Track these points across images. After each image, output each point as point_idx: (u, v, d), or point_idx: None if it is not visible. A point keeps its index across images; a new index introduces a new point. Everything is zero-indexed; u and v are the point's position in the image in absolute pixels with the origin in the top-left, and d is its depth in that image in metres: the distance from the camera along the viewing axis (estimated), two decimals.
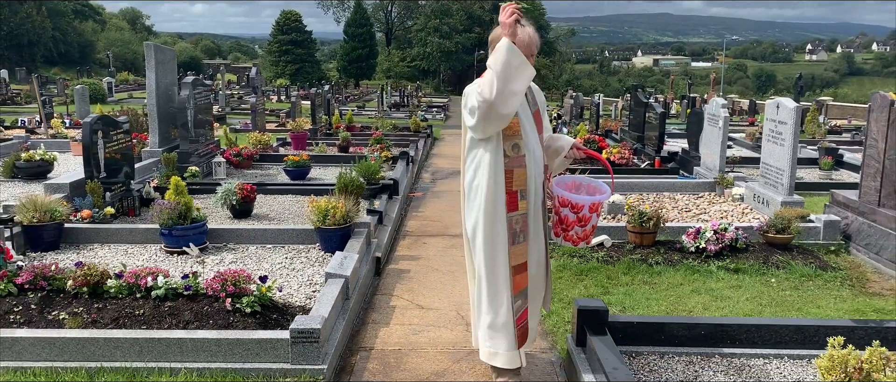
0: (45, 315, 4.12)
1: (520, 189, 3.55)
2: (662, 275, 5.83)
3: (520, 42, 3.38)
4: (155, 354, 3.81)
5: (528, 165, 3.58)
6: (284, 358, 3.80)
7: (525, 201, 3.58)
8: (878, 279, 6.07)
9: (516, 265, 3.59)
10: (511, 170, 3.53)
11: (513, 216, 3.55)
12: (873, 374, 2.78)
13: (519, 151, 3.55)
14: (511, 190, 3.54)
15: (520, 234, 3.58)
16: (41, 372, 3.75)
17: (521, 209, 3.57)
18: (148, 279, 4.24)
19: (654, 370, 3.78)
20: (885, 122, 6.52)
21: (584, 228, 3.66)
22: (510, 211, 3.55)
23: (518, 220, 3.57)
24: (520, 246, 3.58)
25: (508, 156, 3.53)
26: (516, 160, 3.54)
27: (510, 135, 3.54)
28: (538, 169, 3.65)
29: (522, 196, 3.57)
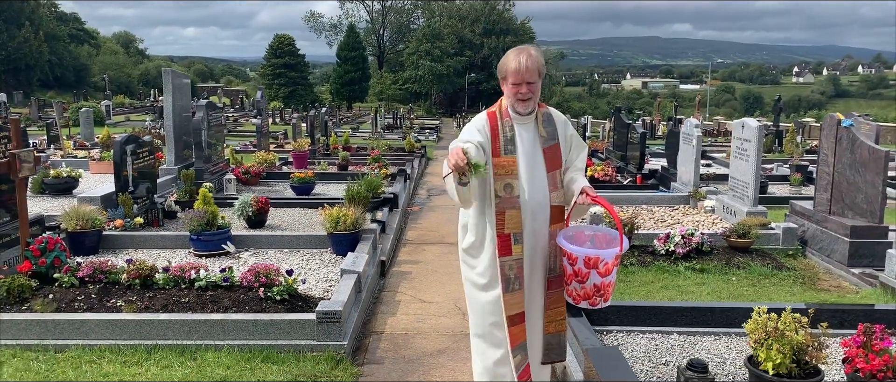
0: (104, 303, 4.82)
1: (513, 232, 3.28)
2: (636, 275, 6.57)
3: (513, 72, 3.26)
4: (201, 333, 4.53)
5: (523, 206, 3.30)
6: (311, 336, 4.52)
7: (520, 246, 3.29)
8: (827, 278, 6.83)
9: (512, 315, 3.34)
10: (503, 211, 3.28)
11: (505, 261, 3.30)
12: (786, 332, 3.51)
13: (512, 191, 3.30)
14: (503, 233, 3.28)
15: (514, 281, 3.31)
16: (106, 349, 4.45)
17: (515, 254, 3.29)
18: (191, 272, 4.96)
19: (621, 343, 4.51)
20: (834, 139, 7.32)
21: (582, 285, 3.22)
22: (502, 255, 3.29)
23: (512, 265, 3.30)
24: (515, 294, 3.33)
25: (499, 196, 3.29)
26: (509, 201, 3.29)
27: (502, 174, 3.31)
28: (540, 211, 3.33)
29: (516, 240, 3.29)
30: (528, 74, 3.26)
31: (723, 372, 4.12)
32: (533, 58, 3.28)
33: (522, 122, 3.39)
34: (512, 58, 3.30)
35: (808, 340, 3.52)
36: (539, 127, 3.40)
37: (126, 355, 4.39)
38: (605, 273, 3.16)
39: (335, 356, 4.43)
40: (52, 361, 4.30)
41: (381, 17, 73.84)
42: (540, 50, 3.42)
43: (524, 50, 3.32)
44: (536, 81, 3.32)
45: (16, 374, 4.11)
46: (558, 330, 3.51)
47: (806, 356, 3.53)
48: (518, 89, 3.29)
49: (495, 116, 3.39)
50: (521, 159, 3.33)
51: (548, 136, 3.40)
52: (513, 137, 3.35)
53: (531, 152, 3.36)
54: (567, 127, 3.52)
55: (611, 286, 3.24)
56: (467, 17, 66.28)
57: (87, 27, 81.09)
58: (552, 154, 3.39)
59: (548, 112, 3.47)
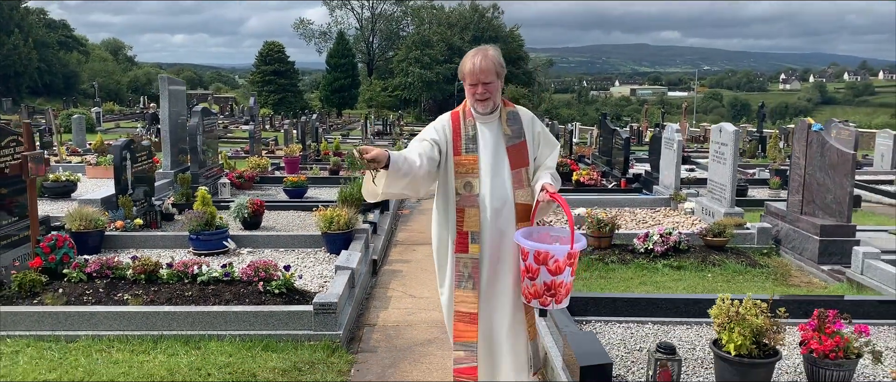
0: (112, 296, 5.10)
1: (471, 231, 3.33)
2: (616, 271, 6.89)
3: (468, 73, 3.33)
4: (204, 324, 4.81)
5: (483, 204, 3.35)
6: (308, 327, 4.81)
7: (477, 245, 3.33)
8: (799, 275, 7.17)
9: (460, 311, 3.40)
10: (462, 209, 3.35)
11: (461, 258, 3.36)
12: (747, 317, 3.83)
13: (471, 190, 3.36)
14: (462, 230, 3.35)
15: (468, 279, 3.36)
16: (115, 339, 4.73)
17: (471, 253, 3.34)
18: (194, 267, 5.24)
19: (599, 332, 4.82)
20: (805, 143, 7.68)
21: (533, 282, 3.17)
22: (459, 252, 3.36)
23: (467, 263, 3.36)
24: (468, 293, 3.38)
25: (460, 194, 3.36)
26: (468, 199, 3.35)
27: (462, 172, 3.38)
28: (503, 209, 3.36)
29: (473, 239, 3.33)
30: (483, 74, 3.30)
31: (693, 357, 4.44)
32: (488, 58, 3.30)
33: (485, 121, 3.43)
34: (468, 59, 3.34)
35: (767, 324, 3.83)
36: (503, 125, 3.42)
37: (134, 344, 4.66)
38: (555, 271, 3.09)
39: (331, 344, 4.72)
40: (65, 350, 4.57)
41: (370, 24, 74.27)
42: (498, 50, 3.40)
43: (480, 50, 3.34)
44: (493, 81, 3.33)
45: (31, 362, 4.37)
46: (533, 338, 3.55)
47: (765, 338, 3.84)
48: (475, 90, 3.33)
49: (458, 116, 3.46)
50: (483, 158, 3.37)
51: (512, 134, 3.42)
52: (475, 136, 3.40)
53: (494, 150, 3.38)
54: (534, 124, 3.52)
55: (563, 286, 3.15)
56: (456, 24, 66.83)
57: (75, 34, 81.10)
58: (517, 152, 3.41)
59: (513, 111, 3.50)
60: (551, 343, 4.52)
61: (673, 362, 3.85)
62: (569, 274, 3.15)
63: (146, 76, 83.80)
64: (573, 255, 3.11)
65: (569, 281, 3.18)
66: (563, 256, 3.08)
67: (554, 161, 3.55)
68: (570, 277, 3.17)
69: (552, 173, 3.48)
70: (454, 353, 3.41)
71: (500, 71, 3.36)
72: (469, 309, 3.37)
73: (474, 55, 3.33)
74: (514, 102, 3.60)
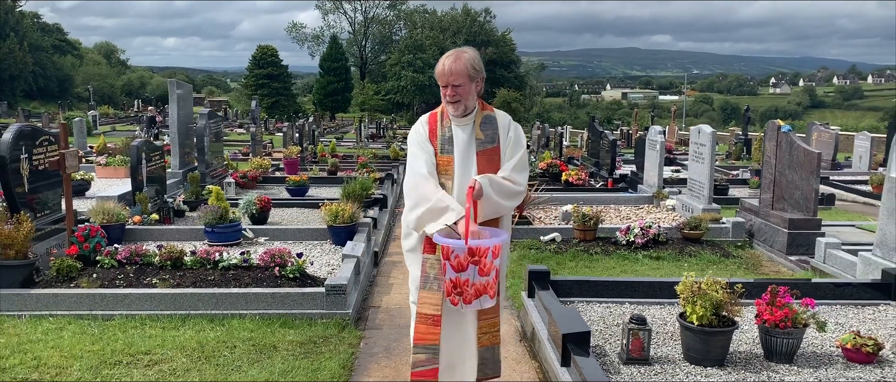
0: (141, 280, 5.63)
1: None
2: (600, 261, 7.46)
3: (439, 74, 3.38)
4: (227, 304, 5.34)
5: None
6: (321, 306, 5.35)
7: None
8: (769, 265, 7.76)
9: (424, 313, 3.37)
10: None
11: (428, 259, 3.37)
12: (708, 291, 4.39)
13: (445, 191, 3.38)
14: None
15: (433, 281, 3.36)
16: (146, 317, 5.26)
17: (437, 254, 3.32)
18: (216, 254, 5.78)
19: (582, 310, 5.38)
20: (775, 143, 8.27)
21: (444, 278, 3.18)
22: (427, 252, 3.37)
23: (433, 264, 3.35)
24: (432, 294, 3.37)
25: None
26: None
27: (439, 172, 3.42)
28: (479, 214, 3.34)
29: None
30: (453, 77, 3.30)
31: (664, 331, 4.99)
32: (460, 61, 3.31)
33: (460, 123, 3.45)
34: (441, 60, 3.36)
35: (725, 297, 4.40)
36: (477, 129, 3.43)
37: (164, 322, 5.19)
38: (458, 268, 3.03)
39: (341, 322, 5.27)
40: (103, 327, 5.09)
41: (363, 28, 74.81)
42: (475, 53, 3.43)
43: (455, 52, 3.36)
44: (464, 84, 3.33)
45: (75, 337, 4.90)
46: (492, 343, 3.53)
47: (724, 310, 4.40)
48: (446, 91, 3.37)
49: (436, 117, 3.51)
50: (456, 160, 3.39)
51: (485, 139, 3.43)
52: (450, 138, 3.43)
53: (465, 153, 3.41)
54: (509, 130, 3.50)
55: (469, 285, 3.08)
56: (449, 28, 67.48)
57: (69, 38, 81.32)
58: (487, 158, 3.41)
59: (490, 114, 3.50)
60: (538, 319, 5.07)
61: (644, 331, 4.41)
62: (475, 273, 3.06)
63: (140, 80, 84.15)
64: (476, 252, 3.02)
65: (478, 281, 3.07)
66: (464, 253, 3.01)
67: (512, 164, 3.47)
68: (478, 277, 3.07)
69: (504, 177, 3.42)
70: (413, 356, 3.37)
71: (473, 74, 3.35)
72: (433, 312, 3.33)
73: (448, 57, 3.36)
74: (505, 105, 4.02)
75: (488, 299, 3.13)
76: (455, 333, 3.44)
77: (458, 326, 3.44)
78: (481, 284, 3.08)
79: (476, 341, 3.46)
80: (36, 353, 4.59)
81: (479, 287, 3.08)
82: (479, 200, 3.27)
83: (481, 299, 3.11)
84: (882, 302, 5.63)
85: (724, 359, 4.41)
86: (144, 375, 4.29)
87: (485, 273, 3.07)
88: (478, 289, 3.08)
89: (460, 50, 3.40)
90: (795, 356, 4.48)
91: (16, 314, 5.28)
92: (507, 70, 67.09)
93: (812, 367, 4.38)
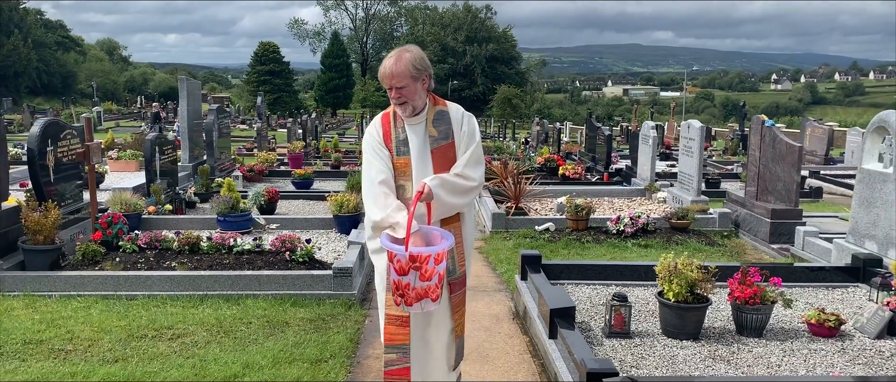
0: (161, 264, 6.05)
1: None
2: (591, 249, 7.87)
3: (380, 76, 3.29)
4: (241, 286, 5.76)
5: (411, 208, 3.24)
6: (329, 287, 5.77)
7: None
8: (753, 253, 8.16)
9: (392, 314, 3.33)
10: None
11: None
12: (683, 271, 4.79)
13: (404, 192, 3.34)
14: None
15: None
16: (167, 298, 5.67)
17: None
18: (230, 240, 6.19)
19: (570, 292, 5.79)
20: (759, 138, 8.67)
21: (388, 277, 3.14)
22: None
23: None
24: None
25: (399, 197, 3.34)
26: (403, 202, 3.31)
27: (397, 175, 3.36)
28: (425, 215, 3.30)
29: None
30: (395, 79, 3.22)
31: (646, 309, 5.41)
32: (401, 61, 3.22)
33: (412, 123, 3.37)
34: (383, 63, 3.27)
35: (699, 277, 4.81)
36: (429, 127, 3.37)
37: (184, 302, 5.61)
38: (400, 271, 3.01)
39: (348, 302, 5.69)
40: (127, 306, 5.51)
41: (364, 24, 75.14)
42: (417, 50, 3.33)
43: (397, 53, 3.28)
44: (407, 85, 3.24)
45: (102, 314, 5.32)
46: (459, 335, 3.52)
47: (698, 288, 4.82)
48: (391, 94, 3.29)
49: (389, 118, 3.42)
50: (413, 161, 3.33)
51: (439, 135, 3.36)
52: (405, 139, 3.36)
53: (421, 153, 3.34)
54: (463, 123, 3.42)
55: (411, 289, 3.05)
56: (450, 25, 67.81)
57: (72, 34, 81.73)
58: (442, 155, 3.35)
59: (442, 110, 3.41)
60: (530, 299, 5.48)
61: (625, 307, 4.82)
62: (416, 278, 3.03)
63: (142, 76, 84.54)
64: (416, 258, 2.99)
65: (419, 286, 3.05)
66: (405, 258, 2.99)
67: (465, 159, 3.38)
68: (419, 282, 3.03)
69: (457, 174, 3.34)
70: (385, 356, 3.38)
71: (415, 74, 3.26)
72: (400, 312, 3.28)
73: (389, 58, 3.27)
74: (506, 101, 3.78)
75: (430, 302, 3.10)
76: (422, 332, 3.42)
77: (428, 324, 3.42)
78: (422, 288, 3.04)
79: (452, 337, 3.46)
80: (68, 327, 5.01)
81: (419, 292, 3.05)
82: (429, 202, 3.23)
83: (422, 302, 3.08)
84: (852, 284, 6.04)
85: (699, 333, 4.82)
86: (169, 347, 4.71)
87: (426, 278, 3.03)
88: (419, 293, 3.05)
89: (402, 49, 3.30)
90: (765, 330, 4.89)
91: (46, 294, 5.71)
92: (507, 67, 67.50)
93: (779, 340, 4.79)
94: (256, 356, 4.51)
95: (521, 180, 9.66)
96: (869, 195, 6.50)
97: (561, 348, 4.42)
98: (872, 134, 6.57)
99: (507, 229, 8.79)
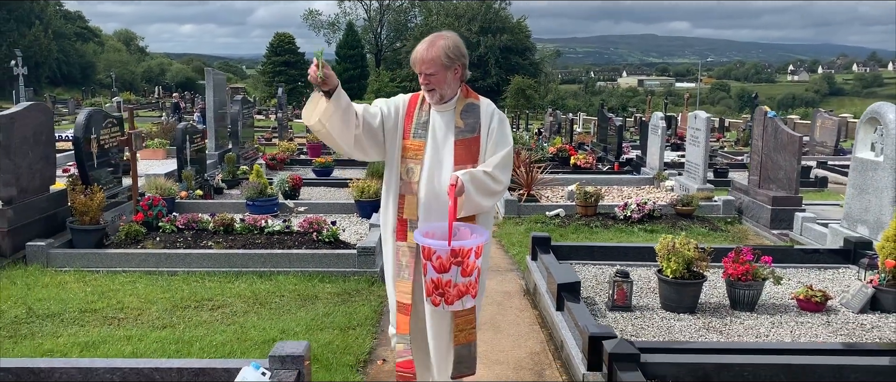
0: (198, 243, 6.53)
1: (409, 219, 3.24)
2: (599, 234, 8.28)
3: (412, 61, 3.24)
4: (272, 263, 6.24)
5: (420, 194, 3.23)
6: (353, 265, 6.23)
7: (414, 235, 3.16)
8: (754, 238, 8.55)
9: (400, 302, 3.32)
10: (403, 195, 3.26)
11: (400, 247, 3.29)
12: (681, 249, 5.20)
13: (412, 176, 3.24)
14: (401, 217, 3.27)
15: (404, 268, 3.29)
16: (204, 274, 6.16)
17: (409, 242, 3.25)
18: (261, 222, 6.67)
19: (577, 271, 6.21)
20: (762, 128, 9.04)
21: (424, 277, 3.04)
22: (398, 239, 3.29)
23: (404, 252, 3.27)
24: (403, 283, 3.30)
25: (402, 179, 3.27)
26: (408, 186, 3.25)
27: (407, 157, 3.27)
28: (436, 203, 3.21)
29: (411, 227, 3.23)
30: (425, 65, 3.17)
31: (647, 287, 5.83)
32: (434, 48, 3.16)
33: (440, 110, 3.30)
34: (417, 47, 3.22)
35: (696, 255, 5.22)
36: (457, 117, 3.28)
37: (220, 278, 6.09)
38: (440, 269, 2.92)
39: (370, 279, 6.15)
40: (168, 281, 6.00)
41: (378, 15, 75.46)
42: (453, 39, 3.23)
43: (430, 39, 3.22)
44: (437, 72, 3.17)
45: (146, 287, 5.81)
46: (468, 340, 3.33)
47: (695, 266, 5.23)
48: (420, 79, 3.24)
49: (416, 99, 3.37)
50: (429, 146, 3.26)
51: (465, 128, 3.27)
52: (426, 123, 3.29)
53: (442, 141, 3.26)
54: (492, 119, 3.32)
55: (452, 286, 2.96)
56: (464, 15, 67.88)
57: (90, 25, 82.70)
58: (465, 147, 3.25)
59: (473, 103, 3.33)
60: (540, 277, 5.91)
61: (627, 283, 5.25)
62: (458, 274, 2.95)
63: (159, 67, 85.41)
64: (458, 252, 2.92)
65: (460, 282, 2.97)
66: (446, 253, 2.90)
67: (496, 159, 3.28)
68: (460, 277, 2.96)
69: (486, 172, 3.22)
70: (397, 345, 3.36)
71: (447, 62, 3.18)
72: (405, 300, 3.29)
73: (423, 43, 3.21)
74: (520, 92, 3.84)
75: (470, 299, 3.04)
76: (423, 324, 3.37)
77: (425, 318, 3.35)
78: (464, 285, 2.97)
79: (451, 338, 3.33)
80: (118, 299, 5.51)
81: (461, 288, 2.97)
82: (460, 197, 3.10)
83: (463, 299, 3.01)
84: (842, 266, 6.43)
85: (695, 307, 5.24)
86: (211, 315, 5.19)
87: (467, 274, 2.96)
88: (460, 290, 2.97)
89: (437, 35, 3.23)
90: (757, 305, 5.30)
91: (93, 270, 6.21)
92: (521, 57, 67.61)
93: (769, 314, 5.20)
94: (291, 323, 4.99)
95: (532, 169, 10.08)
96: (861, 182, 6.88)
97: (567, 318, 4.85)
98: (865, 125, 6.94)
99: (519, 214, 9.22)
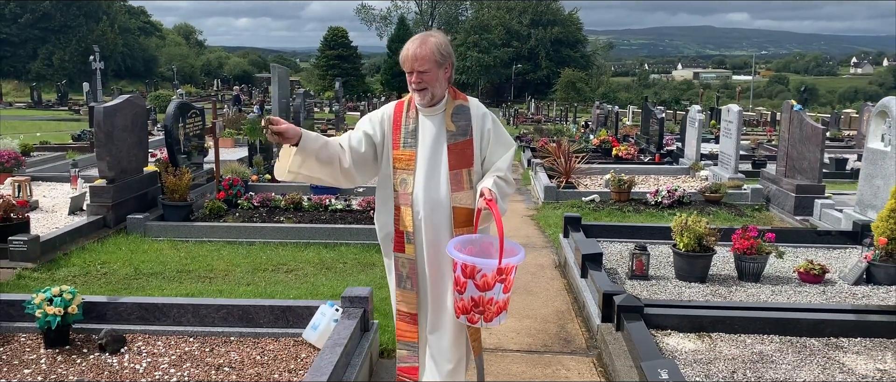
0: (272, 218, 7.49)
1: (406, 231, 3.16)
2: (631, 217, 8.99)
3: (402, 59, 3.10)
4: (337, 236, 7.15)
5: (415, 204, 3.14)
6: None
7: (412, 246, 3.15)
8: (778, 223, 9.13)
9: (402, 311, 3.30)
10: (398, 207, 3.17)
11: (399, 258, 3.23)
12: (693, 226, 5.91)
13: (406, 187, 3.15)
14: (398, 228, 3.20)
15: (406, 279, 3.24)
16: (278, 244, 7.11)
17: (407, 253, 3.19)
18: (326, 201, 7.60)
19: (604, 247, 6.96)
20: (788, 120, 9.61)
21: (461, 296, 2.91)
22: (397, 250, 3.22)
23: (404, 263, 3.21)
24: (407, 293, 3.26)
25: (397, 191, 3.18)
26: (402, 197, 3.16)
27: (400, 168, 3.16)
28: (436, 211, 3.14)
29: (408, 239, 3.16)
30: (417, 62, 3.04)
31: (667, 261, 6.54)
32: (426, 45, 3.06)
33: (429, 114, 3.19)
34: (406, 46, 3.09)
35: (706, 231, 5.93)
36: (447, 120, 3.17)
37: (291, 248, 7.03)
38: (483, 287, 2.83)
39: None
40: (248, 249, 6.96)
41: (430, 8, 76.42)
42: (443, 36, 3.17)
43: (422, 36, 3.11)
44: (430, 70, 3.06)
45: (230, 255, 6.78)
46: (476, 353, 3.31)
47: (705, 241, 5.94)
48: (411, 78, 3.10)
49: (402, 107, 3.25)
50: (420, 154, 3.15)
51: (457, 131, 3.16)
52: (414, 130, 3.17)
53: (433, 147, 3.15)
54: (486, 121, 3.23)
55: (493, 303, 2.87)
56: (515, 8, 68.30)
57: (152, 20, 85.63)
58: (459, 151, 3.15)
59: (463, 105, 3.22)
60: (570, 252, 6.69)
61: (644, 255, 5.99)
62: (500, 291, 2.87)
63: (217, 60, 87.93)
64: (504, 270, 2.84)
65: (501, 299, 2.90)
66: (492, 271, 2.83)
67: (506, 163, 3.24)
68: (502, 294, 2.88)
69: (500, 177, 3.18)
70: (398, 351, 3.37)
71: (440, 60, 3.09)
72: (410, 310, 3.28)
73: (413, 41, 3.10)
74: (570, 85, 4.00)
75: (506, 314, 2.98)
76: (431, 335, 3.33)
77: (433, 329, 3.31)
78: (503, 301, 2.91)
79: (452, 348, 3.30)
80: (207, 262, 6.49)
81: (500, 304, 2.90)
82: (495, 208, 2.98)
83: (501, 316, 2.95)
84: (850, 246, 7.04)
85: (705, 277, 5.96)
86: (286, 276, 6.12)
87: (508, 290, 2.91)
88: (499, 307, 2.91)
89: (427, 34, 3.14)
90: (761, 276, 5.98)
91: (183, 240, 7.21)
92: (573, 50, 67.84)
93: (772, 285, 5.88)
94: (354, 283, 5.88)
95: (571, 158, 10.81)
96: (872, 170, 7.45)
97: (589, 283, 5.63)
98: (876, 117, 7.50)
99: (557, 200, 9.98)
